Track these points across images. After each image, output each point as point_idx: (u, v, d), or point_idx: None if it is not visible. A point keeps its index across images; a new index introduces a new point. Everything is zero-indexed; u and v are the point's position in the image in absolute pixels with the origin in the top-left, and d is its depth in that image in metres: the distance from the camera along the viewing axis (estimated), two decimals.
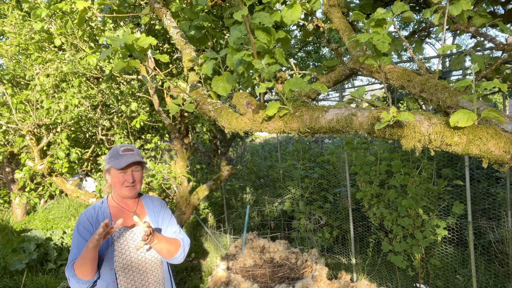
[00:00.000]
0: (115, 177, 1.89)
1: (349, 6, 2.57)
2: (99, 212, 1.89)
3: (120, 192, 1.91)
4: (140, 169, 1.95)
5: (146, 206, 2.04)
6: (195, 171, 8.01)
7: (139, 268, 1.88)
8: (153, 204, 2.07)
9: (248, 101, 1.60)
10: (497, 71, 1.99)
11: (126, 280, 1.85)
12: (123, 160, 1.85)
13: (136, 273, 1.87)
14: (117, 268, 1.82)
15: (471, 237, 3.70)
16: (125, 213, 1.94)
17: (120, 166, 1.84)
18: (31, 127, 3.87)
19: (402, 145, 1.16)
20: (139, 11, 3.37)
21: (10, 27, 4.13)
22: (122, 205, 1.96)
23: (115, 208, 1.94)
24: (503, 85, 1.07)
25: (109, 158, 1.90)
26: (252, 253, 4.53)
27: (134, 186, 1.91)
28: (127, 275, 1.85)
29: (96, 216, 1.87)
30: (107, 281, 1.81)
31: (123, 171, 1.88)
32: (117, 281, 1.82)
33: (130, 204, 1.98)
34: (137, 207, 2.00)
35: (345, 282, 3.93)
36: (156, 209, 2.05)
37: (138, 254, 1.88)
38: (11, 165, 7.76)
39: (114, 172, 1.89)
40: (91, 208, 1.92)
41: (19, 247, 5.42)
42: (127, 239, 1.88)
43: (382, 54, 1.42)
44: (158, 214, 2.04)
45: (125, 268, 1.85)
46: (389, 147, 4.83)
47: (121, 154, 1.88)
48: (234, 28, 1.59)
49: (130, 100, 4.37)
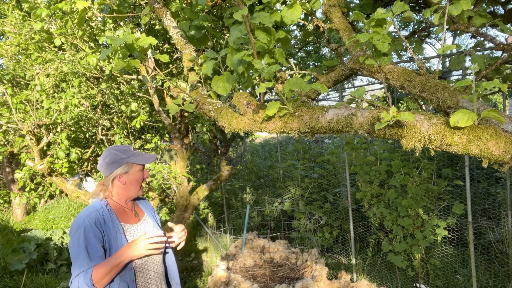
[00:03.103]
0: (135, 175, 1.90)
1: (349, 6, 2.57)
2: (104, 215, 1.82)
3: (135, 191, 1.93)
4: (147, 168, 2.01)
5: (141, 206, 2.10)
6: (195, 171, 8.01)
7: (153, 264, 1.93)
8: (146, 203, 2.15)
9: (248, 101, 1.60)
10: (497, 71, 1.99)
11: (143, 279, 1.89)
12: (146, 156, 1.88)
13: (152, 269, 1.92)
14: (136, 267, 1.86)
15: (471, 237, 3.70)
16: (128, 213, 1.97)
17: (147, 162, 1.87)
18: (31, 127, 3.87)
19: (402, 145, 1.16)
20: (139, 11, 3.37)
21: (10, 27, 4.13)
22: (122, 204, 1.97)
23: (117, 209, 1.94)
24: (503, 85, 1.07)
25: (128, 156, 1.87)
26: (252, 253, 4.53)
27: None
28: (143, 274, 1.89)
29: (103, 219, 1.80)
30: (127, 281, 1.81)
31: (142, 169, 1.92)
32: (136, 280, 1.85)
33: (129, 204, 2.01)
34: (134, 206, 2.04)
35: (345, 282, 3.93)
36: (150, 208, 2.13)
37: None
38: (11, 165, 7.75)
39: (134, 170, 1.89)
40: (94, 212, 1.81)
41: (19, 247, 5.42)
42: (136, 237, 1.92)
43: (382, 54, 1.42)
44: (154, 213, 2.13)
45: (141, 267, 1.88)
46: (389, 147, 4.83)
47: (137, 152, 1.91)
48: (234, 28, 1.59)
49: (130, 100, 4.37)
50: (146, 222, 2.01)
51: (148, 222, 2.02)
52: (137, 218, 1.98)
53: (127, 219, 1.94)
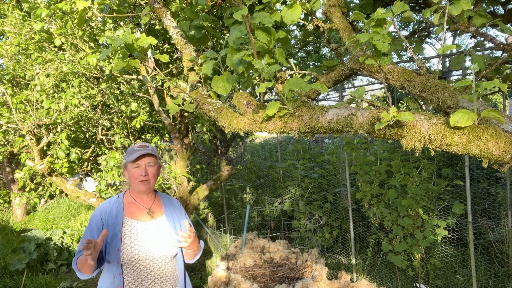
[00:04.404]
0: (130, 172, 1.98)
1: (349, 6, 2.56)
2: (114, 206, 1.98)
3: (136, 187, 1.99)
4: (154, 164, 2.01)
5: (164, 205, 2.10)
6: (195, 171, 8.01)
7: (146, 262, 1.92)
8: (172, 205, 2.14)
9: (248, 101, 1.60)
10: (497, 71, 1.99)
11: (133, 273, 1.90)
12: (135, 154, 1.94)
13: (143, 267, 1.92)
14: (124, 261, 1.88)
15: (471, 237, 3.70)
16: (140, 208, 2.02)
17: (132, 159, 1.93)
18: (31, 127, 3.87)
19: (402, 145, 1.16)
20: (139, 11, 3.37)
21: (10, 27, 4.12)
22: (138, 200, 2.04)
23: (130, 203, 2.03)
24: (503, 85, 1.07)
25: (125, 155, 2.01)
26: (252, 253, 4.52)
27: (148, 181, 1.98)
28: (133, 268, 1.90)
29: (109, 210, 1.97)
30: (113, 273, 1.88)
31: (137, 166, 1.96)
32: (123, 274, 1.88)
33: (146, 200, 2.05)
34: (153, 204, 2.07)
35: (345, 282, 3.93)
36: (176, 210, 2.13)
37: (146, 250, 1.92)
38: (11, 165, 7.75)
39: (129, 167, 1.98)
40: (106, 203, 2.01)
41: (19, 247, 5.42)
42: (137, 234, 1.93)
43: (382, 54, 1.42)
44: (177, 216, 2.11)
45: (131, 262, 1.89)
46: (389, 147, 4.83)
47: (136, 150, 1.98)
48: (234, 28, 1.59)
49: (130, 100, 4.36)
50: (159, 223, 2.01)
51: (162, 223, 2.02)
52: (150, 216, 2.01)
53: (137, 215, 2.00)
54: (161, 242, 1.97)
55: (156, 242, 1.95)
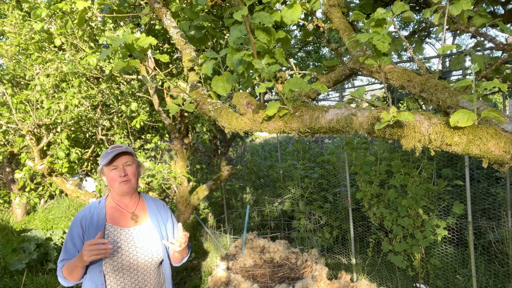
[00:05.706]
0: (108, 176, 1.89)
1: (349, 6, 2.56)
2: (95, 213, 1.86)
3: (117, 189, 1.89)
4: (132, 163, 1.92)
5: (149, 208, 1.99)
6: (195, 171, 8.01)
7: (130, 271, 1.83)
8: (157, 207, 2.03)
9: (248, 101, 1.60)
10: (497, 71, 1.99)
11: (116, 282, 1.81)
12: (110, 155, 1.86)
13: (127, 276, 1.82)
14: (106, 270, 1.79)
15: (471, 237, 3.70)
16: (123, 213, 1.91)
17: (107, 161, 1.84)
18: (31, 127, 3.87)
19: (402, 145, 1.16)
20: (139, 11, 3.37)
21: (10, 27, 4.12)
22: (121, 205, 1.93)
23: (112, 208, 1.91)
24: (503, 85, 1.07)
25: (100, 160, 1.92)
26: (252, 253, 4.52)
27: (128, 181, 1.88)
28: (117, 277, 1.81)
29: (90, 217, 1.85)
30: (95, 282, 1.78)
31: (114, 168, 1.87)
32: (106, 284, 1.79)
33: (129, 204, 1.95)
34: (137, 208, 1.96)
35: (345, 282, 3.93)
36: (162, 213, 2.02)
37: (131, 256, 1.83)
38: (11, 165, 7.75)
39: (106, 171, 1.89)
40: (86, 209, 1.89)
41: (19, 247, 5.42)
42: (121, 241, 1.83)
43: (382, 54, 1.42)
44: (163, 219, 2.01)
45: (115, 270, 1.80)
46: (389, 147, 4.83)
47: (109, 152, 1.88)
48: (234, 28, 1.59)
49: (130, 100, 4.36)
50: (144, 228, 1.91)
51: (147, 228, 1.92)
52: (134, 221, 1.91)
53: (120, 221, 1.89)
54: (146, 249, 1.86)
55: (141, 249, 1.85)
